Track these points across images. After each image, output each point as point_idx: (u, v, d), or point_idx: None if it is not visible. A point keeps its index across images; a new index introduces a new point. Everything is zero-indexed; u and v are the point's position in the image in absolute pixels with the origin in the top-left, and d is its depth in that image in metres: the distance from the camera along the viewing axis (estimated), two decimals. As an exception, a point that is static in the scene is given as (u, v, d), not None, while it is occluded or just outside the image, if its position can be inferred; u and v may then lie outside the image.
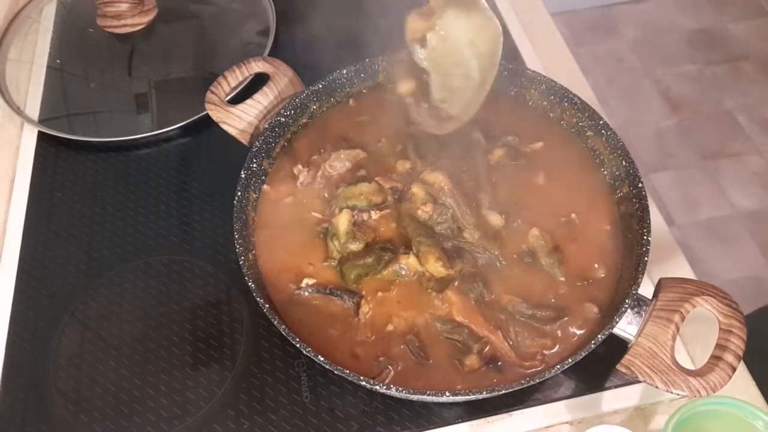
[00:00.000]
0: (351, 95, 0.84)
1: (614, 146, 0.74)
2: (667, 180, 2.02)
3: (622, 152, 0.72)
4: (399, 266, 0.69)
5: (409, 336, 0.66)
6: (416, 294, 0.69)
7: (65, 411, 0.71)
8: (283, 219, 0.75)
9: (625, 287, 0.64)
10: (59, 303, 0.79)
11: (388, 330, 0.66)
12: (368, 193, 0.74)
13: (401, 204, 0.73)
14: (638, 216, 0.68)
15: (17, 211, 0.88)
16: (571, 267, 0.69)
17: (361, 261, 0.70)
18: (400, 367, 0.64)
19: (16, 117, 0.96)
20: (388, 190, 0.75)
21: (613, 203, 0.73)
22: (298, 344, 0.61)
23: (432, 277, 0.68)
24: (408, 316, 0.67)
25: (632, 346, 0.61)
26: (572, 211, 0.73)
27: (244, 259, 0.68)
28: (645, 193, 0.69)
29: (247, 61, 0.82)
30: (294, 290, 0.70)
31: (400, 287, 0.69)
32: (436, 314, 0.67)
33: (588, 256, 0.70)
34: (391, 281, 0.69)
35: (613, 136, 0.74)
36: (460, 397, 0.63)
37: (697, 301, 0.61)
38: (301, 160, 0.79)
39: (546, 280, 0.69)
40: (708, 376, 0.58)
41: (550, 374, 0.60)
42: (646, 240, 0.65)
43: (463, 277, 0.68)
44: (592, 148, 0.77)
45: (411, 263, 0.69)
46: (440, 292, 0.68)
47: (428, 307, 0.67)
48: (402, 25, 0.70)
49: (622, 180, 0.73)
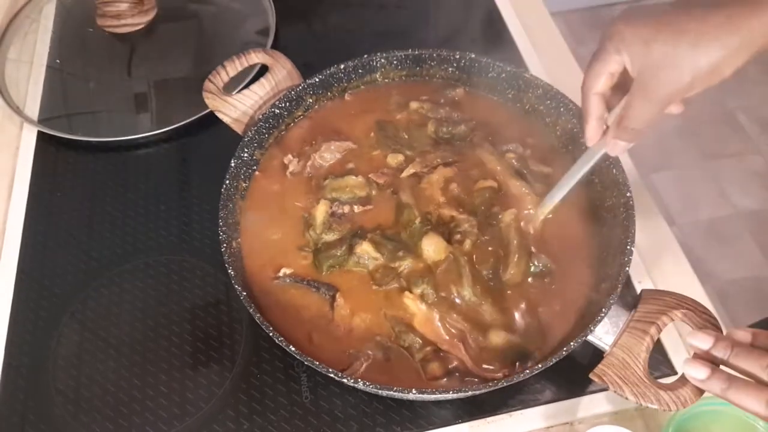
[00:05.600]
0: (348, 90, 0.84)
1: (606, 155, 0.72)
2: (667, 180, 2.02)
3: (613, 160, 0.70)
4: (357, 256, 0.69)
5: (379, 336, 0.66)
6: (394, 292, 0.68)
7: (65, 411, 0.71)
8: (269, 208, 0.75)
9: (605, 296, 0.64)
10: (59, 303, 0.79)
11: (359, 324, 0.66)
12: (354, 186, 0.74)
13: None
14: (623, 225, 0.67)
15: (17, 211, 0.88)
16: None
17: (333, 251, 0.70)
18: (371, 362, 0.64)
19: (15, 117, 0.96)
20: (377, 184, 0.75)
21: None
22: (271, 333, 0.61)
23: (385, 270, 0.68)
24: (376, 314, 0.67)
25: (606, 355, 0.61)
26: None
27: (227, 246, 0.68)
28: (632, 203, 0.67)
29: (247, 52, 0.82)
30: (272, 279, 0.70)
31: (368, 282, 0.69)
32: (394, 315, 0.66)
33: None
34: (363, 273, 0.69)
35: None
36: (426, 396, 0.63)
37: (675, 314, 0.61)
38: (293, 151, 0.79)
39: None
40: (679, 391, 0.57)
41: (519, 378, 0.60)
42: (629, 250, 0.64)
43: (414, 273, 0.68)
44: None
45: (366, 249, 0.69)
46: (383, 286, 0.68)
47: (392, 307, 0.67)
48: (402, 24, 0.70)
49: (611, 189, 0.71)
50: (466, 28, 1.08)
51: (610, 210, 0.71)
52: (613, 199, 0.70)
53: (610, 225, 0.70)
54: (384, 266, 0.69)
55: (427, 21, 1.11)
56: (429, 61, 0.83)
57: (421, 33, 1.08)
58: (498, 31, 1.06)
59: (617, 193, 0.70)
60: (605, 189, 0.72)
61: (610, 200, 0.71)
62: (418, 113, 0.81)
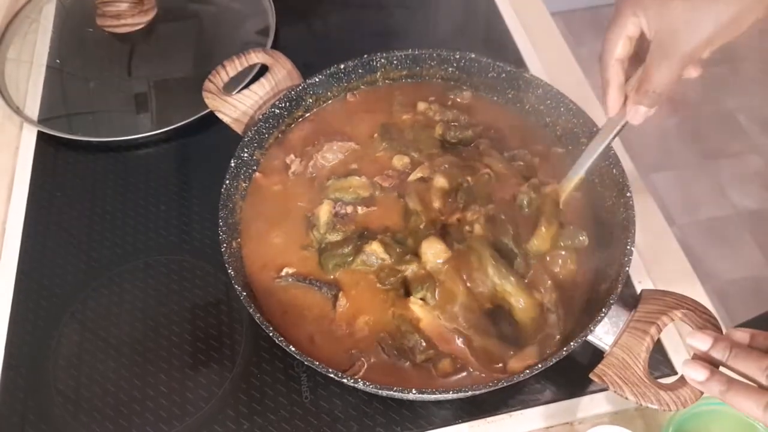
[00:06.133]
0: (349, 90, 0.84)
1: (605, 154, 0.72)
2: (667, 180, 2.02)
3: (613, 161, 0.71)
4: (365, 255, 0.69)
5: (382, 334, 0.66)
6: (394, 293, 0.68)
7: (65, 411, 0.71)
8: (270, 208, 0.75)
9: (605, 296, 0.64)
10: (59, 303, 0.79)
11: (362, 324, 0.66)
12: (357, 187, 0.74)
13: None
14: (623, 225, 0.67)
15: (16, 212, 0.87)
16: None
17: (339, 251, 0.70)
18: (372, 361, 0.64)
19: (15, 117, 0.96)
20: (381, 187, 0.75)
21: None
22: (271, 333, 0.61)
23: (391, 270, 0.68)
24: (381, 313, 0.67)
25: (607, 355, 0.61)
26: None
27: (227, 246, 0.68)
28: (632, 203, 0.67)
29: (247, 52, 0.82)
30: (274, 278, 0.70)
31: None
32: (402, 314, 0.66)
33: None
34: (367, 273, 0.69)
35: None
36: (426, 396, 0.63)
37: (675, 314, 0.61)
38: (295, 151, 0.79)
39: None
40: (679, 391, 0.57)
41: (519, 378, 0.60)
42: (629, 250, 0.64)
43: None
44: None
45: (375, 249, 0.69)
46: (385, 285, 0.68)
47: (401, 306, 0.67)
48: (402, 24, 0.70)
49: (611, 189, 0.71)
50: (466, 28, 1.08)
51: (610, 210, 0.71)
52: (613, 199, 0.70)
53: (610, 225, 0.70)
54: (390, 267, 0.69)
55: (427, 21, 1.11)
56: (429, 61, 0.83)
57: (421, 33, 1.08)
58: (498, 31, 1.06)
59: (617, 193, 0.70)
60: (605, 189, 0.72)
61: (610, 200, 0.71)
62: (425, 115, 0.81)
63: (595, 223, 0.72)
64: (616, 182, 0.70)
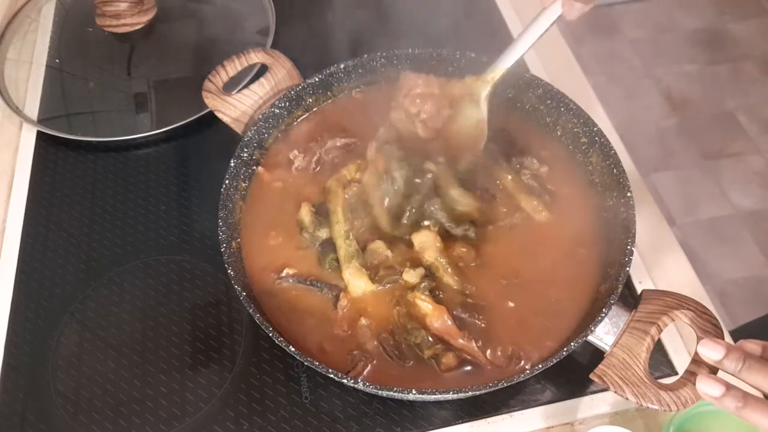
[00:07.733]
0: (349, 89, 0.84)
1: (606, 154, 0.72)
2: (667, 180, 2.02)
3: (613, 161, 0.70)
4: (369, 251, 0.69)
5: (384, 335, 0.66)
6: (398, 291, 0.68)
7: (64, 412, 0.71)
8: (270, 207, 0.76)
9: (605, 296, 0.64)
10: (58, 303, 0.79)
11: (363, 324, 0.66)
12: (351, 172, 0.75)
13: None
14: (623, 225, 0.67)
15: (16, 212, 0.87)
16: None
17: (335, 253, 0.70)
18: (375, 362, 0.64)
19: (15, 117, 0.96)
20: None
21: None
22: (271, 333, 0.61)
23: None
24: (381, 313, 0.67)
25: (607, 356, 0.61)
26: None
27: (226, 246, 0.68)
28: (633, 203, 0.67)
29: (246, 52, 0.82)
30: (275, 279, 0.70)
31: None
32: (408, 312, 0.66)
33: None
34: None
35: (606, 143, 0.72)
36: (426, 396, 0.63)
37: (676, 315, 0.61)
38: (298, 147, 0.79)
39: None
40: (680, 391, 0.57)
41: (520, 378, 0.60)
42: (629, 250, 0.64)
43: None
44: (586, 158, 0.76)
45: (378, 246, 0.69)
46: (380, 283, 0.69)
47: (406, 304, 0.67)
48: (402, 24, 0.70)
49: (612, 189, 0.71)
50: (466, 28, 1.08)
51: (610, 210, 0.71)
52: (613, 199, 0.70)
53: (610, 225, 0.70)
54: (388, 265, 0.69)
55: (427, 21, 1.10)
56: (429, 60, 0.83)
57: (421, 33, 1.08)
58: (498, 30, 1.06)
59: (617, 193, 0.70)
60: (605, 189, 0.72)
61: (610, 200, 0.71)
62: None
63: (595, 222, 0.72)
64: (616, 182, 0.70)
